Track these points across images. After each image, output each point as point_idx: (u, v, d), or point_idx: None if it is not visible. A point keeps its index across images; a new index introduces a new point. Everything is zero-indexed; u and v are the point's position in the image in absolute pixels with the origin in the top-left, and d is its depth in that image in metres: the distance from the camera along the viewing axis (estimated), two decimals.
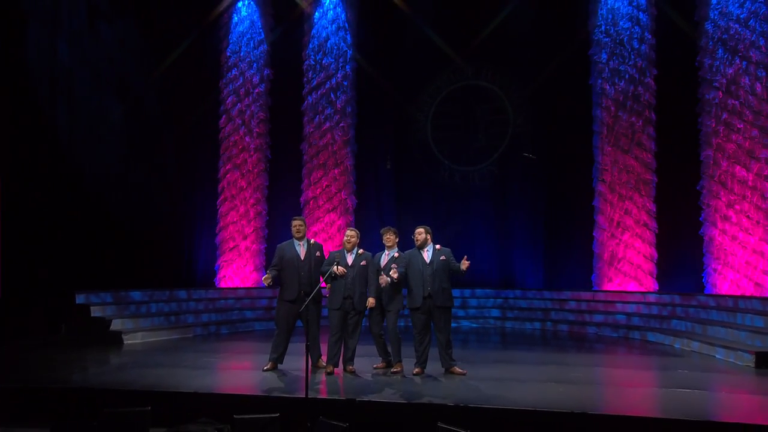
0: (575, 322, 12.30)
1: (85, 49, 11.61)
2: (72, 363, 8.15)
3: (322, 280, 7.39)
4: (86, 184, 11.54)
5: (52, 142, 11.03)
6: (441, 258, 7.42)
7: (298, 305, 7.38)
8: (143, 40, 12.59)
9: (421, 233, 7.50)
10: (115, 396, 6.28)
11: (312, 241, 7.81)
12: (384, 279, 7.26)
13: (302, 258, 7.60)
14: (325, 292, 7.62)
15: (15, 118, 10.36)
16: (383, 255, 7.62)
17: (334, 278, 7.37)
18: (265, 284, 7.39)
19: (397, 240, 7.65)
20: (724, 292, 11.04)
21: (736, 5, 11.28)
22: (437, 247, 7.54)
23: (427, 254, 7.46)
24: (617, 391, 7.10)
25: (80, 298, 10.44)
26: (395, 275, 7.25)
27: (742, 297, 10.34)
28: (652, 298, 11.77)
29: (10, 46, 10.28)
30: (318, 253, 7.72)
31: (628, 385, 7.34)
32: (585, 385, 7.11)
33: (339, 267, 7.30)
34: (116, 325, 10.18)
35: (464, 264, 7.26)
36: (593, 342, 10.88)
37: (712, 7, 11.51)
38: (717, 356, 8.88)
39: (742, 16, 11.23)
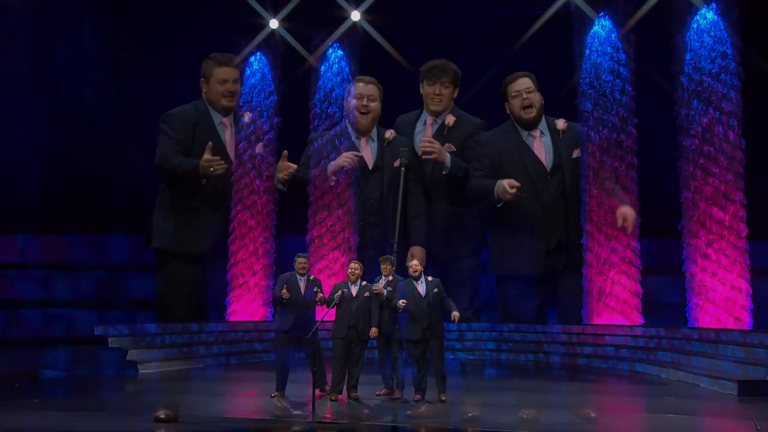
0: (567, 354, 12.19)
1: (110, 97, 11.88)
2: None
3: (325, 307, 7.37)
4: None
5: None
6: (435, 291, 7.27)
7: (292, 336, 7.39)
8: (164, 90, 12.86)
9: (417, 265, 7.34)
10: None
11: (311, 276, 7.83)
12: (401, 302, 7.18)
13: (302, 292, 7.59)
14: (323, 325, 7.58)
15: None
16: (379, 280, 7.48)
17: (335, 304, 7.34)
18: (284, 298, 7.41)
19: (393, 269, 7.55)
20: (706, 326, 11.01)
21: (708, 61, 11.53)
22: (429, 278, 7.40)
23: (421, 287, 7.29)
24: (608, 415, 7.06)
25: (98, 330, 10.42)
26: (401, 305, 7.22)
27: (724, 330, 10.30)
28: (638, 331, 11.68)
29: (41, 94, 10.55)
30: (315, 288, 7.66)
31: (619, 410, 7.31)
32: (578, 409, 7.07)
33: (340, 292, 7.32)
34: (132, 355, 10.13)
35: (455, 317, 7.16)
36: (584, 372, 10.82)
37: (686, 62, 11.72)
38: (702, 385, 8.82)
39: (714, 71, 11.46)
